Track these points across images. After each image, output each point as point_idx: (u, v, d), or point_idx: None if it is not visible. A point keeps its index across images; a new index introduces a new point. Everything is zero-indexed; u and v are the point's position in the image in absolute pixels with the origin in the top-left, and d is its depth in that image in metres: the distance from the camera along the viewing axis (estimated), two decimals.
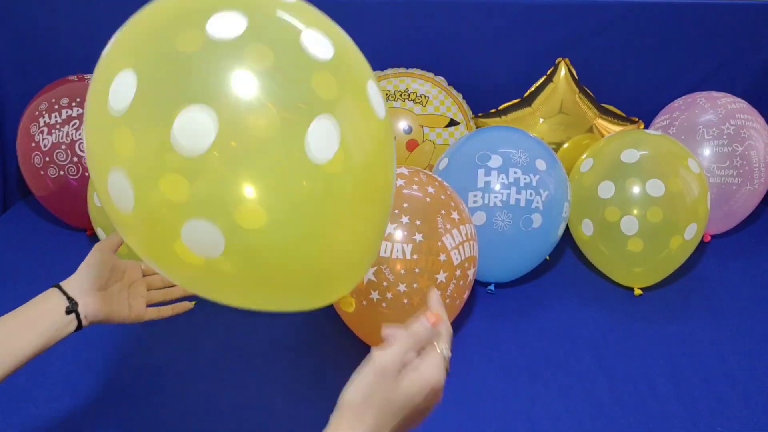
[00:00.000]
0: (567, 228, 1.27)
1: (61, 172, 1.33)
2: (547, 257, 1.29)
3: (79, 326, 0.71)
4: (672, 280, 1.26)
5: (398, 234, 0.93)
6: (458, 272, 0.97)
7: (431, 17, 1.50)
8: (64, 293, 0.70)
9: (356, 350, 1.08)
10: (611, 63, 1.54)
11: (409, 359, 0.54)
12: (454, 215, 0.99)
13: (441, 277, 0.95)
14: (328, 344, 1.10)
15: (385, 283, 0.93)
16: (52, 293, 0.70)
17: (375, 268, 0.93)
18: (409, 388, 0.52)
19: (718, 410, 0.97)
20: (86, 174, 1.32)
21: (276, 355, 1.07)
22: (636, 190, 1.16)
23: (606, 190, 1.19)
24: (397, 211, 0.95)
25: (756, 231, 1.48)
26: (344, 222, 0.54)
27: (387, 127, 0.58)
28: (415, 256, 0.93)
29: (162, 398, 0.98)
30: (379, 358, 0.52)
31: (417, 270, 0.93)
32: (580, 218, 1.24)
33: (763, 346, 1.11)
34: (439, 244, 0.95)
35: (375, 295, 0.94)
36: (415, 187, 0.99)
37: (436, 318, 0.56)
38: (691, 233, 1.17)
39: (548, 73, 1.51)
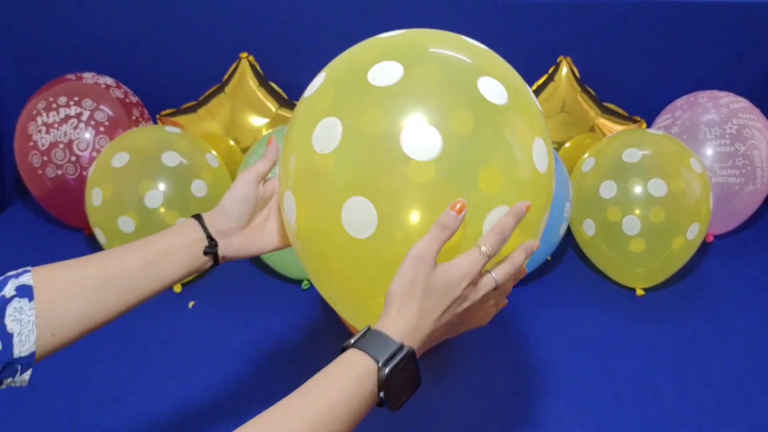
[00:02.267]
0: (568, 228, 1.26)
1: (59, 172, 1.32)
2: (549, 257, 1.28)
3: (215, 264, 0.67)
4: (674, 281, 1.26)
5: None
6: None
7: (431, 15, 1.49)
8: (205, 230, 0.65)
9: None
10: (613, 62, 1.53)
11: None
12: None
13: None
14: (329, 345, 1.09)
15: None
16: (192, 227, 0.65)
17: None
18: (445, 271, 0.55)
19: (721, 412, 0.96)
20: (84, 173, 1.31)
21: (274, 356, 1.07)
22: (638, 189, 1.15)
23: (608, 189, 1.18)
24: None
25: (759, 231, 1.47)
26: None
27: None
28: None
29: (161, 399, 0.97)
30: (413, 249, 0.55)
31: None
32: (581, 218, 1.23)
33: (765, 346, 1.10)
34: None
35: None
36: None
37: (461, 204, 0.56)
38: (694, 233, 1.16)
39: (549, 71, 1.50)
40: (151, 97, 1.51)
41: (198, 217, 0.66)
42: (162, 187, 1.13)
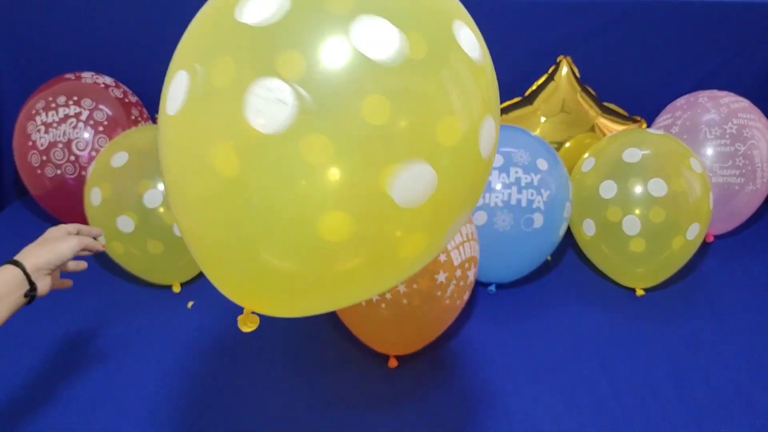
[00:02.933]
0: (568, 228, 1.26)
1: (58, 171, 1.32)
2: (549, 258, 1.28)
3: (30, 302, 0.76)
4: (674, 281, 1.25)
5: None
6: (458, 272, 0.96)
7: None
8: (28, 276, 0.74)
9: (355, 351, 1.07)
10: (613, 61, 1.53)
11: None
12: None
13: (441, 277, 0.94)
14: (327, 345, 1.09)
15: None
16: (13, 273, 0.74)
17: None
18: None
19: (721, 412, 0.96)
20: (83, 173, 1.31)
21: (275, 355, 1.07)
22: (638, 189, 1.15)
23: (608, 189, 1.18)
24: None
25: (759, 231, 1.47)
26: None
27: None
28: None
29: (160, 398, 0.97)
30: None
31: None
32: (581, 218, 1.23)
33: (766, 347, 1.10)
34: None
35: (374, 297, 0.93)
36: None
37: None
38: (694, 233, 1.16)
39: (550, 71, 1.50)
40: (150, 96, 1.51)
41: (17, 263, 0.75)
42: (161, 186, 1.13)
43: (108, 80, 1.42)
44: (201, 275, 1.27)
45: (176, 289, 1.22)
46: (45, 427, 0.92)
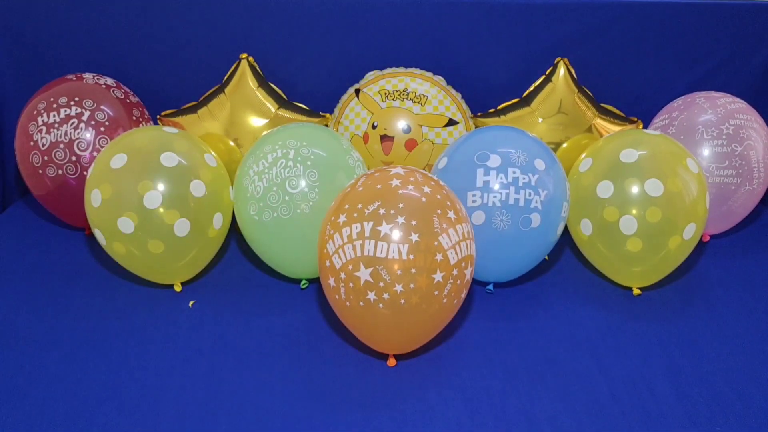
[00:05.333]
0: (566, 228, 1.27)
1: (60, 172, 1.33)
2: (546, 257, 1.29)
3: None
4: (671, 280, 1.26)
5: (394, 234, 0.93)
6: (455, 271, 0.97)
7: (430, 16, 1.50)
8: None
9: (353, 350, 1.08)
10: (610, 63, 1.54)
11: None
12: (451, 215, 0.99)
13: (438, 276, 0.95)
14: (326, 344, 1.10)
15: (381, 284, 0.93)
16: None
17: (371, 269, 0.93)
18: None
19: (717, 410, 0.96)
20: (84, 173, 1.32)
21: (274, 355, 1.07)
22: (635, 189, 1.16)
23: (605, 189, 1.18)
24: (392, 212, 0.94)
25: (755, 231, 1.48)
26: None
27: None
28: (411, 256, 0.93)
29: (161, 397, 0.98)
30: None
31: (413, 270, 0.93)
32: (579, 218, 1.24)
33: (762, 346, 1.10)
34: (436, 243, 0.95)
35: (372, 296, 0.94)
36: (410, 187, 0.98)
37: None
38: (690, 233, 1.17)
39: (547, 72, 1.51)
40: (151, 97, 1.52)
41: None
42: (161, 187, 1.14)
43: (109, 81, 1.43)
44: (202, 275, 1.27)
45: (177, 288, 1.23)
46: (45, 426, 0.93)
